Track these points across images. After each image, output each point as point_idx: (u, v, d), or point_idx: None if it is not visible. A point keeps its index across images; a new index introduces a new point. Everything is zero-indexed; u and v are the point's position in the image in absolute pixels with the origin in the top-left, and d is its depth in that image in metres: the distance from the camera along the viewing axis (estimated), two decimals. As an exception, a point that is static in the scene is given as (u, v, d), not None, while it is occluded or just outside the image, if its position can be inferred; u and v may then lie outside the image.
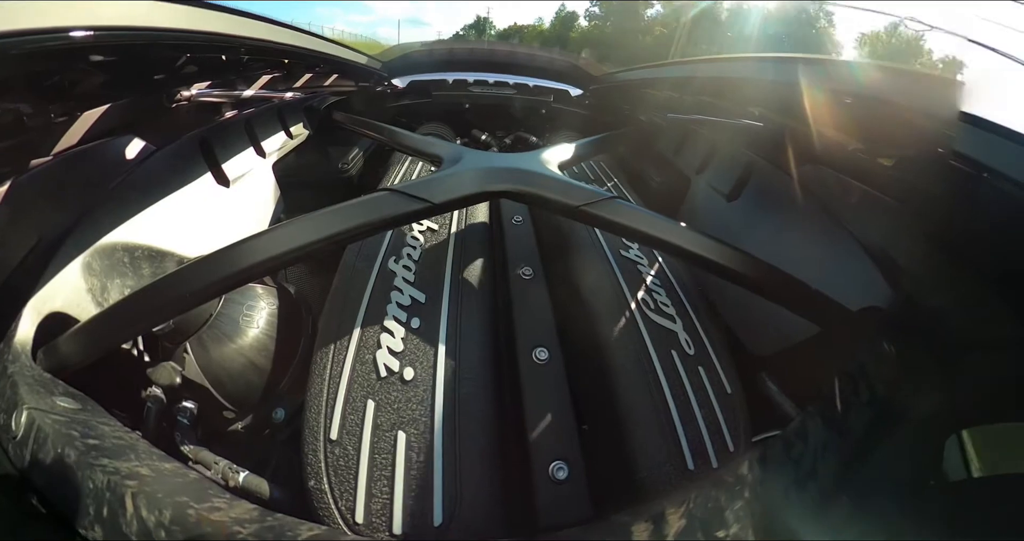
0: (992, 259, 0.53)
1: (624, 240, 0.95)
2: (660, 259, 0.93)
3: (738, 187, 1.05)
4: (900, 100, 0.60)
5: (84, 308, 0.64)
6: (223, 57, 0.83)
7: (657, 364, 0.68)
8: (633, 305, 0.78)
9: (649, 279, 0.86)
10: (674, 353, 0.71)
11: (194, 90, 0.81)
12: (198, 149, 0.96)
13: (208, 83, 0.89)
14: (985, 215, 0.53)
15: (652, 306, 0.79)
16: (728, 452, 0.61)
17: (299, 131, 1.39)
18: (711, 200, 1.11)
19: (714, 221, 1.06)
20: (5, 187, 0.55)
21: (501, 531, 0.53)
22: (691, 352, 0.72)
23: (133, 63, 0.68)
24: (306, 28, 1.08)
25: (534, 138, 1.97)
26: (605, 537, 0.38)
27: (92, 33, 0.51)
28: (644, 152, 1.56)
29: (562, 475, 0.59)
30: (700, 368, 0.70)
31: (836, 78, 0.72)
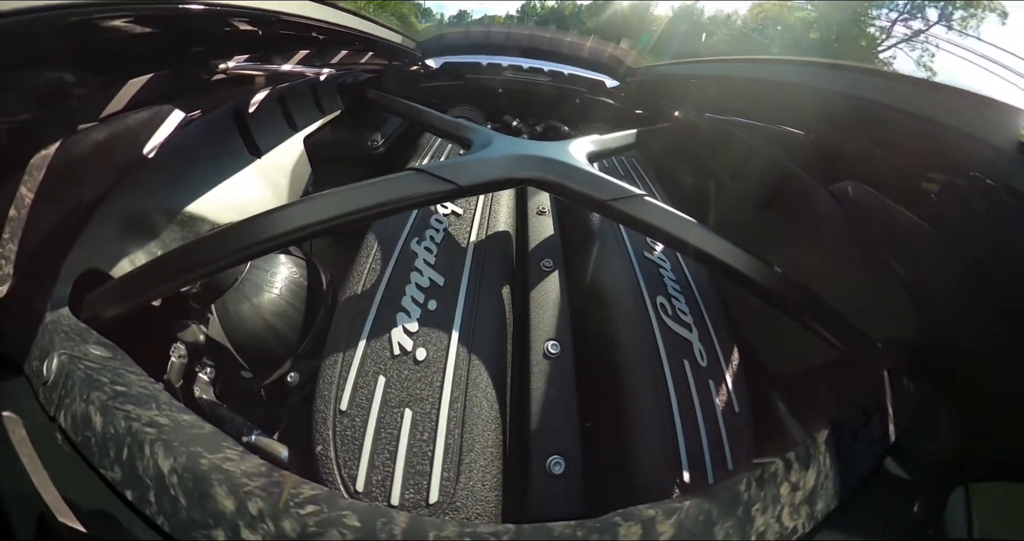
0: None
1: (648, 241, 0.93)
2: (684, 264, 0.90)
3: (771, 197, 1.01)
4: (954, 122, 0.56)
5: (119, 266, 0.68)
6: (260, 32, 0.84)
7: (668, 372, 0.67)
8: (650, 309, 0.77)
9: (670, 284, 0.84)
10: (686, 363, 0.70)
11: (232, 63, 0.82)
12: (233, 121, 0.98)
13: (246, 57, 0.90)
14: None
15: (670, 312, 0.77)
16: (726, 469, 0.60)
17: (332, 107, 1.40)
18: (741, 207, 1.08)
19: (743, 229, 1.02)
20: (54, 147, 0.58)
21: (492, 516, 0.54)
22: (704, 364, 0.70)
23: (174, 35, 0.70)
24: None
25: (566, 128, 1.93)
26: (594, 534, 0.38)
27: (136, 5, 0.54)
28: (678, 151, 1.50)
29: (558, 469, 0.60)
30: (710, 381, 0.68)
31: (888, 92, 0.67)
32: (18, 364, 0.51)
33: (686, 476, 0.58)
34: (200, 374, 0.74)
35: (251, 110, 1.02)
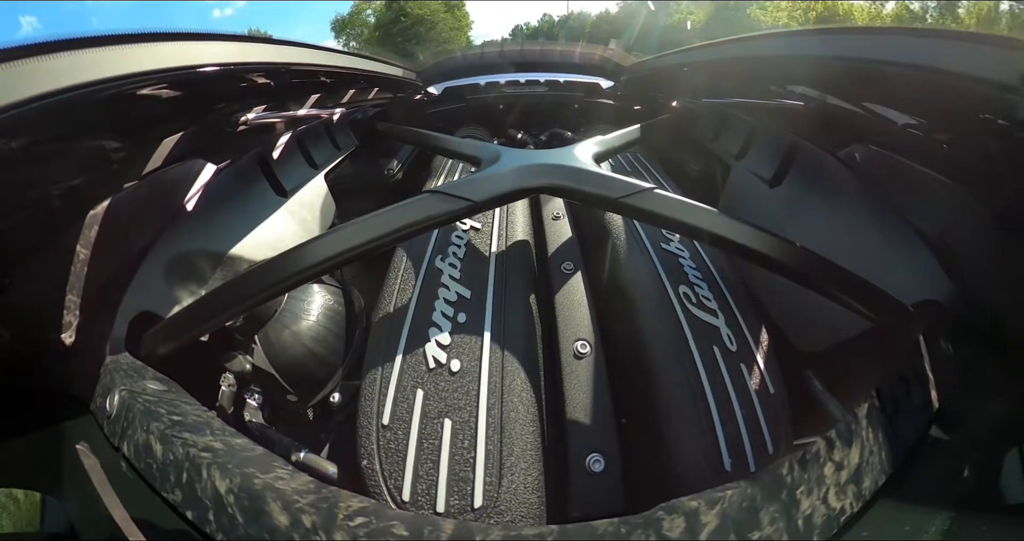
0: None
1: (664, 232, 0.93)
2: (702, 252, 0.90)
3: (780, 172, 0.99)
4: (952, 66, 0.51)
5: (168, 308, 0.73)
6: (273, 83, 0.91)
7: (698, 360, 0.67)
8: (674, 299, 0.77)
9: (691, 272, 0.84)
10: (716, 349, 0.69)
11: (251, 114, 0.89)
12: (258, 166, 1.05)
13: (263, 107, 0.97)
14: None
15: (694, 300, 0.77)
16: (767, 453, 0.59)
17: (347, 143, 1.48)
18: (752, 187, 1.06)
19: (756, 209, 1.01)
20: (103, 206, 0.64)
21: (536, 518, 0.55)
22: (733, 349, 0.70)
23: (197, 95, 0.77)
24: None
25: (569, 133, 1.96)
26: (637, 530, 0.38)
27: (161, 74, 0.60)
28: (680, 140, 1.50)
29: (598, 467, 0.61)
30: (742, 365, 0.68)
31: (877, 46, 0.64)
32: (85, 402, 0.56)
33: (727, 464, 0.58)
34: (249, 400, 0.78)
35: (274, 155, 1.10)
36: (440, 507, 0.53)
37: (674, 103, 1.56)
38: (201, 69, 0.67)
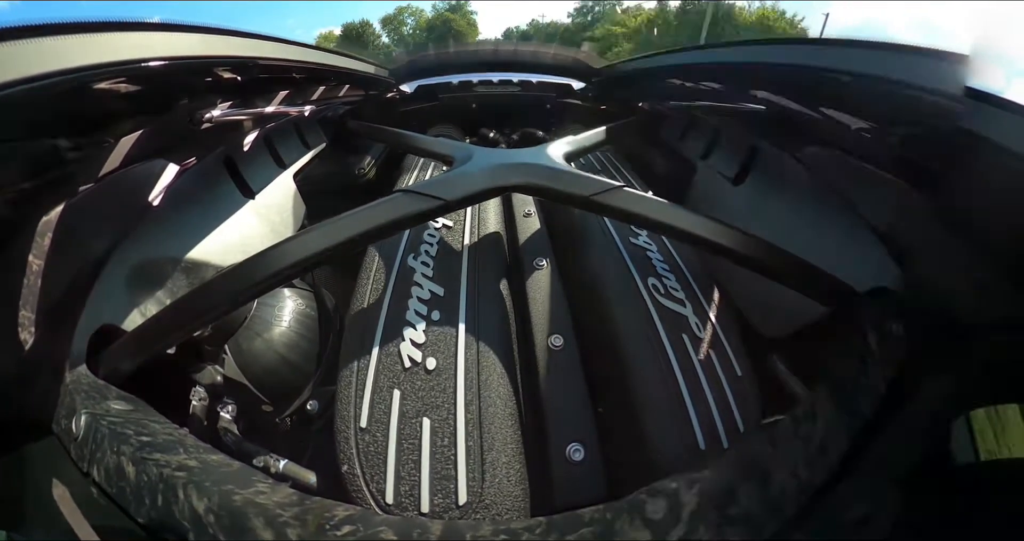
0: (1001, 238, 0.52)
1: (633, 228, 0.96)
2: (669, 245, 0.93)
3: (743, 171, 1.04)
4: (903, 76, 0.58)
5: (130, 320, 0.69)
6: (239, 78, 0.87)
7: (668, 347, 0.70)
8: (644, 291, 0.80)
9: (658, 265, 0.87)
10: (685, 336, 0.72)
11: (216, 111, 0.85)
12: (223, 166, 1.01)
13: (229, 104, 0.93)
14: (994, 193, 0.51)
15: (662, 291, 0.80)
16: (739, 432, 0.62)
17: (316, 142, 1.44)
18: (717, 185, 1.11)
19: (721, 205, 1.06)
20: (56, 211, 0.60)
21: (522, 510, 0.56)
22: (701, 336, 0.73)
23: (158, 90, 0.73)
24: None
25: (541, 133, 1.98)
26: (622, 515, 0.39)
27: (116, 67, 0.56)
28: (649, 141, 1.55)
29: (578, 456, 0.62)
30: (711, 351, 0.71)
31: (834, 57, 0.70)
32: (47, 427, 0.53)
33: (701, 444, 0.60)
34: (222, 413, 0.75)
35: (240, 154, 1.06)
36: (425, 507, 0.53)
37: (643, 105, 1.61)
38: (162, 62, 0.63)
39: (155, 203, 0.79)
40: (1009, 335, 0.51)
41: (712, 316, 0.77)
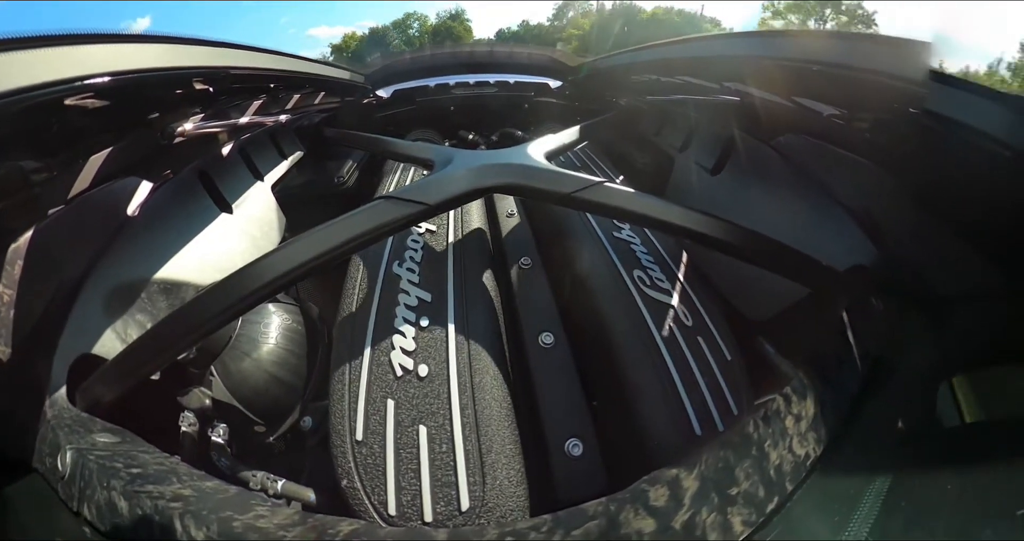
0: (968, 212, 0.55)
1: (615, 222, 0.97)
2: (652, 237, 0.95)
3: (721, 161, 1.06)
4: (869, 64, 0.60)
5: (110, 346, 0.67)
6: (211, 89, 0.85)
7: (657, 338, 0.71)
8: (630, 283, 0.80)
9: (643, 257, 0.88)
10: (673, 326, 0.73)
11: (188, 124, 0.83)
12: (198, 181, 0.99)
13: (201, 116, 0.91)
14: (959, 169, 0.54)
15: (648, 282, 0.81)
16: (732, 415, 0.63)
17: (293, 151, 1.42)
18: (696, 176, 1.13)
19: (700, 195, 1.08)
20: (27, 236, 0.58)
21: (525, 509, 0.56)
22: (689, 323, 0.74)
23: (126, 105, 0.71)
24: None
25: (520, 132, 1.99)
26: (626, 506, 0.40)
27: (80, 82, 0.54)
28: (627, 136, 1.57)
29: (577, 451, 0.62)
30: (699, 338, 0.72)
31: (803, 49, 0.73)
32: (29, 465, 0.51)
33: (697, 429, 0.61)
34: (214, 437, 0.73)
35: (215, 167, 1.03)
36: (428, 516, 0.52)
37: (620, 101, 1.63)
38: (129, 75, 0.61)
39: (129, 223, 0.76)
40: (982, 304, 0.53)
41: (698, 304, 0.78)
